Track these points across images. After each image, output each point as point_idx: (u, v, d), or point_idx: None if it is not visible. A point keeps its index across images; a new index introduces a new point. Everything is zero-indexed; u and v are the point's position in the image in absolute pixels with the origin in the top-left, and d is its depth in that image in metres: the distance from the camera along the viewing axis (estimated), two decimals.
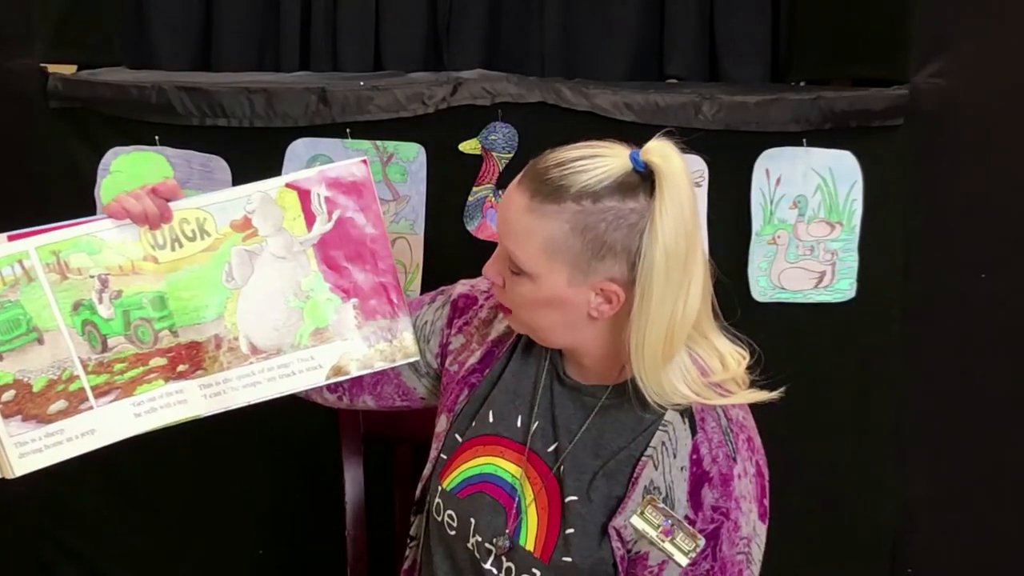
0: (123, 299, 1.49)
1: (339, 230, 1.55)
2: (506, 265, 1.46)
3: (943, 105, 2.26)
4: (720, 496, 1.45)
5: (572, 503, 1.49)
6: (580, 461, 1.50)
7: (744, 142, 2.23)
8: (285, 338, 1.54)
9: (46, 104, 2.16)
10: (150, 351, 1.50)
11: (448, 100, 2.17)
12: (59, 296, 1.46)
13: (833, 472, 2.34)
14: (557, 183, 1.40)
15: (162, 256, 1.50)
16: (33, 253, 1.46)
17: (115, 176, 2.17)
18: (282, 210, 1.53)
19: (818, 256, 2.28)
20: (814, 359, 2.30)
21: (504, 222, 1.45)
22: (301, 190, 1.53)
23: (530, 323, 1.50)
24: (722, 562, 1.45)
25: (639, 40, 2.86)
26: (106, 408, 1.49)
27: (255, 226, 1.53)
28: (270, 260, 1.53)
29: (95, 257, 1.48)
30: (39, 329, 1.45)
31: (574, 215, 1.39)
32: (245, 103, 2.15)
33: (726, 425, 1.47)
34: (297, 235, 1.53)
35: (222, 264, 1.52)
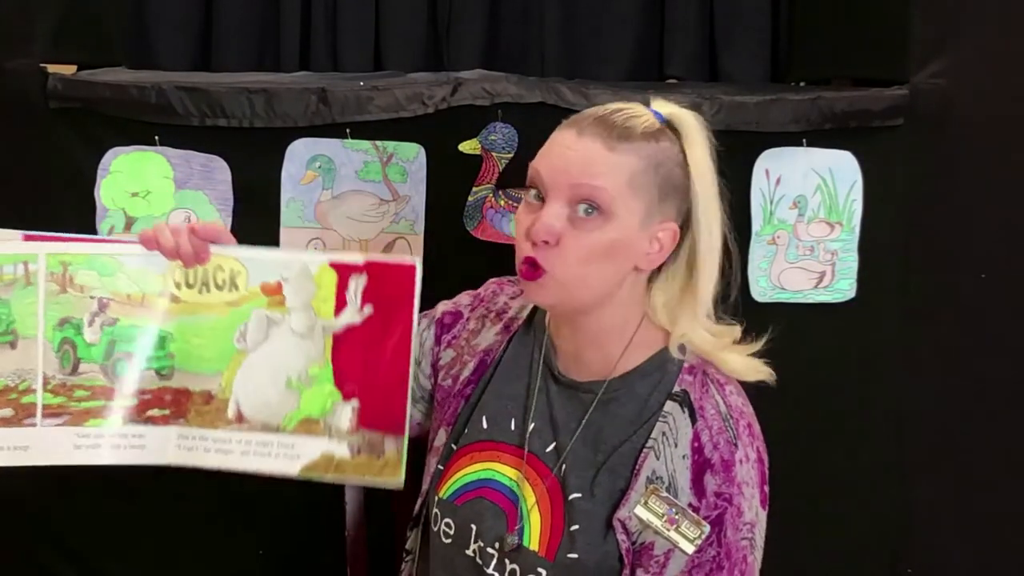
0: (115, 328, 1.45)
1: (365, 327, 1.45)
2: (563, 219, 1.42)
3: (943, 105, 2.25)
4: (723, 482, 1.45)
5: (576, 500, 1.49)
6: (581, 458, 1.50)
7: (744, 142, 2.23)
8: (274, 417, 1.46)
9: (46, 104, 2.16)
10: (119, 388, 1.44)
11: (448, 100, 2.17)
12: (50, 308, 1.43)
13: (833, 472, 2.34)
14: (624, 124, 1.44)
15: (185, 295, 1.46)
16: (42, 259, 1.43)
17: (115, 176, 2.18)
18: (316, 287, 1.45)
19: (818, 256, 2.28)
20: (814, 359, 2.30)
21: (575, 162, 1.42)
22: (342, 273, 1.45)
23: (574, 282, 1.44)
24: (727, 547, 1.45)
25: (639, 40, 2.86)
26: (49, 430, 1.43)
27: (285, 295, 1.46)
28: (287, 334, 1.46)
29: (105, 279, 1.44)
30: (16, 333, 1.42)
31: (648, 152, 1.44)
32: (245, 103, 2.15)
33: (726, 412, 1.48)
34: (322, 317, 1.46)
35: (239, 322, 1.46)
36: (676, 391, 1.50)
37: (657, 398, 1.50)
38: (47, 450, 1.44)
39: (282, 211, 2.19)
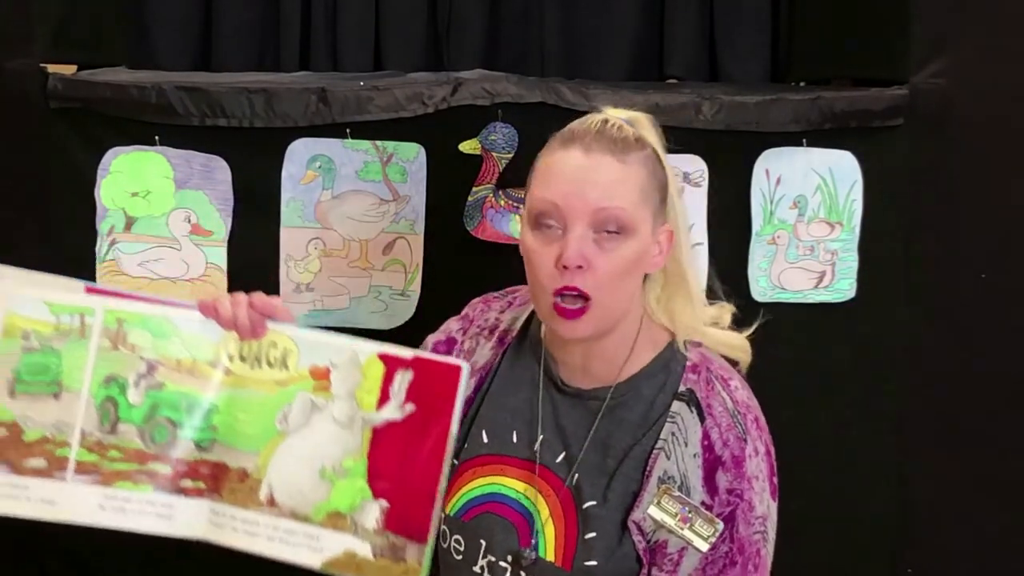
0: (160, 393, 1.41)
1: (405, 425, 1.40)
2: (588, 241, 1.43)
3: (943, 105, 2.25)
4: (734, 478, 1.46)
5: (590, 508, 1.49)
6: (593, 465, 1.50)
7: (744, 142, 2.23)
8: (303, 506, 1.42)
9: (46, 104, 2.16)
10: (155, 454, 1.42)
11: (448, 100, 2.17)
12: (99, 363, 1.41)
13: (833, 472, 2.34)
14: (622, 135, 1.47)
15: (237, 368, 1.42)
16: (100, 313, 1.41)
17: (115, 176, 2.18)
18: (363, 377, 1.41)
19: (818, 256, 2.28)
20: (814, 359, 2.30)
21: (592, 185, 1.43)
22: (390, 366, 1.41)
23: (613, 301, 1.46)
24: (739, 543, 1.46)
25: (639, 40, 2.87)
26: (77, 486, 1.41)
27: (331, 380, 1.42)
28: (328, 421, 1.42)
29: (158, 341, 1.42)
30: (62, 385, 1.40)
31: (645, 159, 1.47)
32: (245, 103, 2.15)
33: (733, 408, 1.49)
34: (364, 409, 1.41)
35: (283, 403, 1.42)
36: (682, 391, 1.50)
37: (663, 399, 1.50)
38: (73, 507, 1.41)
39: (282, 211, 2.19)
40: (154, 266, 2.20)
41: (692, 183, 2.23)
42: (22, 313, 1.40)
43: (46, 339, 1.40)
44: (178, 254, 2.20)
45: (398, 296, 2.24)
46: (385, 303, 2.24)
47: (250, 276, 2.21)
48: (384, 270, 2.23)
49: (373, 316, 2.24)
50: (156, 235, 2.19)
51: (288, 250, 2.21)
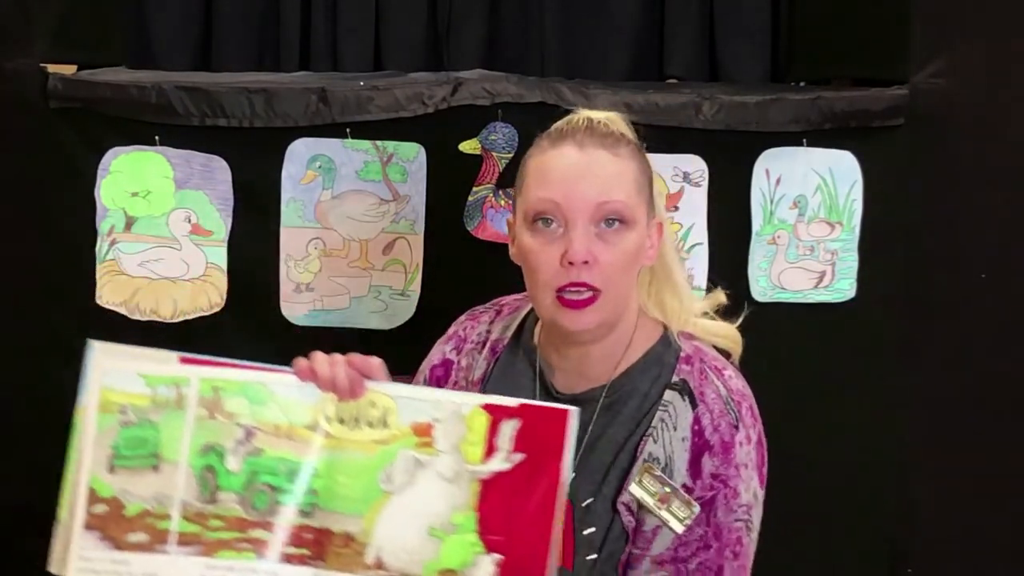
0: (259, 459, 1.39)
1: (514, 475, 1.36)
2: (591, 236, 1.44)
3: (943, 105, 2.25)
4: (721, 463, 1.46)
5: (588, 504, 1.50)
6: (589, 464, 1.50)
7: (744, 142, 2.23)
8: (413, 565, 1.37)
9: (46, 104, 2.16)
10: (256, 520, 1.38)
11: (448, 100, 2.17)
12: (196, 433, 1.39)
13: (833, 472, 2.34)
14: (611, 129, 1.50)
15: (336, 431, 1.39)
16: (195, 382, 1.39)
17: (115, 176, 2.18)
18: (467, 430, 1.38)
19: (818, 256, 2.28)
20: (814, 359, 2.30)
21: (590, 180, 1.44)
22: (495, 417, 1.37)
23: (619, 293, 1.47)
24: (716, 528, 1.46)
25: (639, 40, 2.87)
26: (179, 558, 1.38)
27: (434, 436, 1.38)
28: (433, 478, 1.38)
29: (254, 407, 1.40)
30: (160, 457, 1.38)
31: (635, 152, 1.51)
32: (245, 103, 2.15)
33: (726, 395, 1.49)
34: (470, 462, 1.37)
35: (386, 463, 1.38)
36: (675, 381, 1.51)
37: (656, 391, 1.51)
38: None
39: (282, 211, 2.19)
40: (154, 266, 2.20)
41: (692, 183, 2.23)
42: (118, 387, 1.39)
43: (143, 412, 1.39)
44: (178, 254, 2.20)
45: (398, 296, 2.24)
46: (385, 303, 2.24)
47: (250, 276, 2.22)
48: (384, 270, 2.23)
49: (373, 316, 2.24)
50: (156, 235, 2.19)
51: (288, 250, 2.21)
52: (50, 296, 2.21)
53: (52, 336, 2.22)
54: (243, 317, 2.22)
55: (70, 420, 2.24)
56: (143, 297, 2.20)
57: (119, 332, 2.21)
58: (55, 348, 2.23)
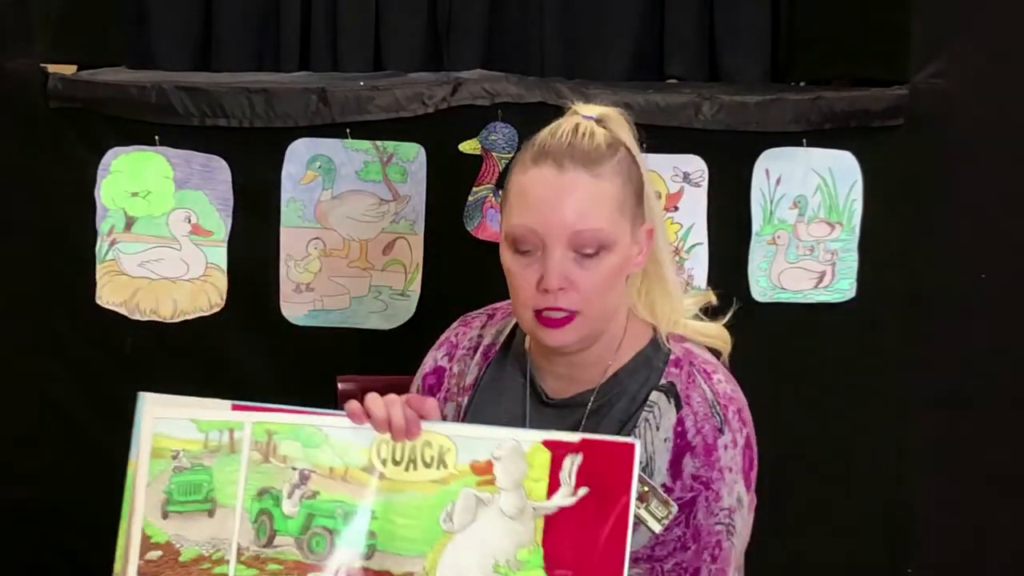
0: (315, 502, 1.37)
1: (578, 509, 1.34)
2: (570, 261, 1.43)
3: (943, 105, 2.25)
4: (702, 466, 1.45)
5: None
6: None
7: (744, 142, 2.24)
8: None
9: (46, 104, 2.16)
10: (314, 564, 1.37)
11: (448, 100, 2.17)
12: (251, 477, 1.37)
13: (833, 472, 2.34)
14: (592, 145, 1.45)
15: (391, 472, 1.37)
16: (248, 427, 1.38)
17: (115, 176, 2.18)
18: (528, 466, 1.36)
19: (818, 256, 2.28)
20: (814, 359, 2.30)
21: (567, 207, 1.42)
22: (556, 452, 1.35)
23: (599, 312, 1.46)
24: (695, 530, 1.45)
25: (639, 40, 2.87)
26: None
27: (495, 474, 1.36)
28: (496, 515, 1.36)
29: (308, 451, 1.38)
30: (215, 502, 1.37)
31: (619, 167, 1.46)
32: (245, 103, 2.15)
33: (712, 399, 1.48)
34: (533, 499, 1.35)
35: (446, 502, 1.36)
36: (663, 383, 1.50)
37: (644, 393, 1.50)
38: None
39: (282, 211, 2.20)
40: (154, 266, 2.20)
41: (692, 183, 2.23)
42: (170, 434, 1.38)
43: (196, 457, 1.37)
44: (178, 254, 2.20)
45: (398, 296, 2.24)
46: (385, 303, 2.24)
47: (250, 276, 2.22)
48: (384, 270, 2.23)
49: (373, 316, 2.24)
50: (156, 235, 2.19)
51: (288, 250, 2.21)
52: (50, 296, 2.21)
53: (52, 336, 2.22)
54: (243, 317, 2.22)
55: (70, 420, 2.26)
56: (143, 297, 2.20)
57: (119, 332, 2.21)
58: (55, 348, 2.23)
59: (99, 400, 2.24)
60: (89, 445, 2.25)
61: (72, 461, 2.26)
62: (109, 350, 2.22)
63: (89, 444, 2.25)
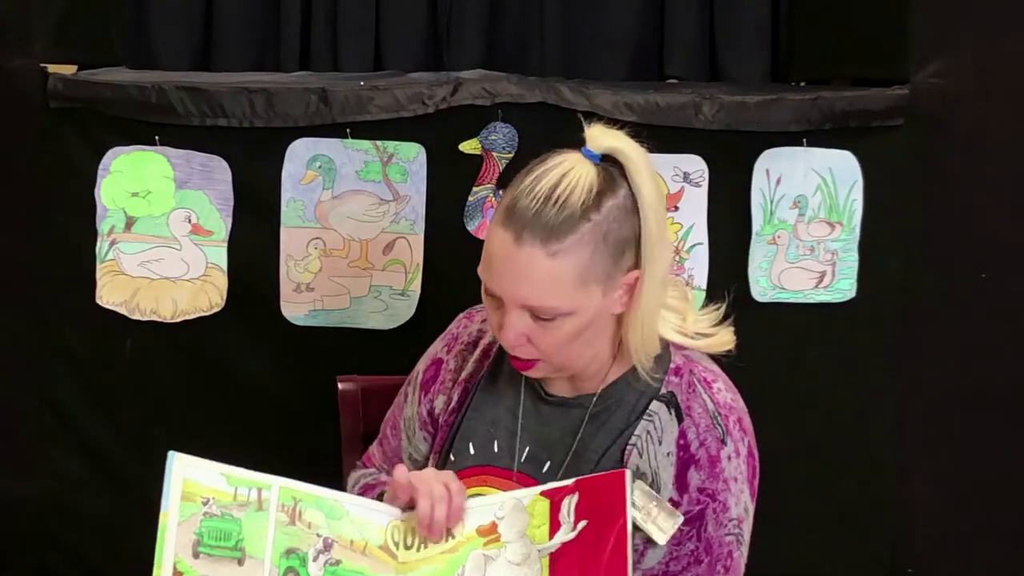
0: (338, 569, 1.41)
1: (579, 540, 1.39)
2: (526, 320, 1.42)
3: (943, 105, 2.25)
4: (707, 478, 1.45)
5: None
6: (575, 470, 1.50)
7: (744, 142, 2.23)
8: None
9: (46, 104, 2.16)
10: None
11: (448, 100, 2.17)
12: (279, 535, 1.40)
13: (832, 472, 2.34)
14: (561, 215, 1.38)
15: (402, 555, 1.43)
16: (275, 489, 1.41)
17: (115, 176, 2.18)
18: (529, 517, 1.42)
19: (818, 256, 2.28)
20: (814, 359, 2.30)
21: (521, 282, 1.39)
22: (554, 499, 1.42)
23: (564, 361, 1.47)
24: (707, 542, 1.45)
25: (639, 40, 2.87)
26: None
27: (499, 532, 1.43)
28: (504, 566, 1.42)
29: (331, 522, 1.42)
30: (244, 552, 1.38)
31: (592, 232, 1.39)
32: (245, 103, 2.15)
33: (713, 410, 1.48)
34: (537, 543, 1.41)
35: (457, 567, 1.42)
36: (663, 393, 1.50)
37: (644, 401, 1.50)
38: None
39: (282, 211, 2.20)
40: (154, 266, 2.20)
41: (692, 183, 2.23)
42: (200, 482, 1.39)
43: (225, 507, 1.39)
44: (178, 254, 2.20)
45: (398, 296, 2.24)
46: (385, 303, 2.24)
47: (250, 276, 2.22)
48: (384, 270, 2.23)
49: (373, 316, 2.24)
50: (156, 235, 2.19)
51: (288, 250, 2.21)
52: (50, 296, 2.21)
53: (52, 336, 2.22)
54: (243, 317, 2.22)
55: (70, 420, 2.26)
56: (143, 297, 2.20)
57: (119, 332, 2.21)
58: (55, 348, 2.23)
59: (99, 400, 2.25)
60: (89, 445, 2.26)
61: (72, 461, 2.26)
62: (109, 350, 2.22)
63: (89, 444, 2.26)
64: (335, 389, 1.94)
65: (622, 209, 1.41)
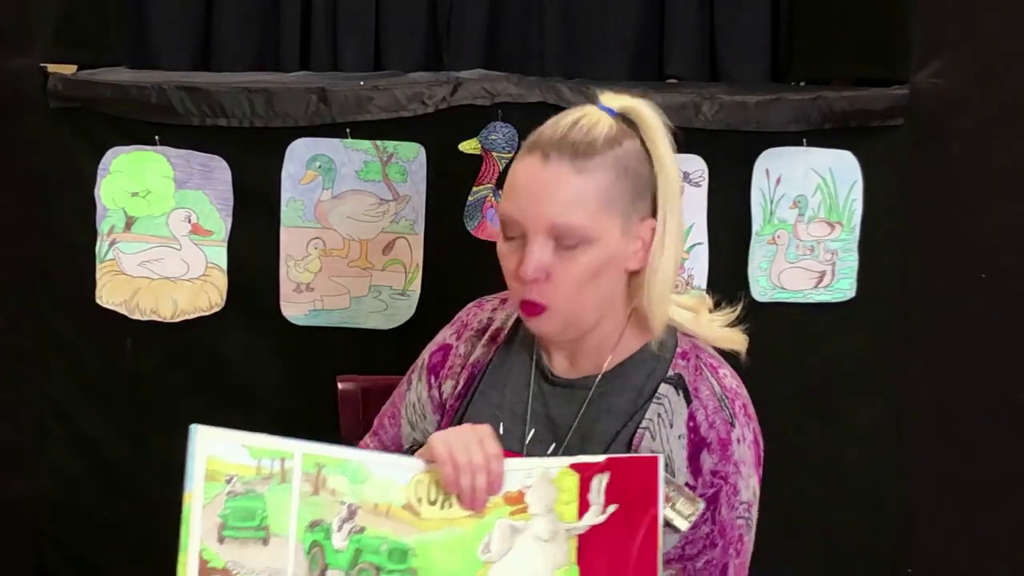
0: (362, 537, 1.40)
1: (610, 526, 1.39)
2: (549, 251, 1.43)
3: (943, 105, 2.26)
4: (719, 460, 1.46)
5: None
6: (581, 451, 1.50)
7: (744, 142, 2.24)
8: None
9: (46, 104, 2.16)
10: None
11: (448, 100, 2.17)
12: (303, 508, 1.39)
13: (833, 472, 2.34)
14: (586, 140, 1.43)
15: (426, 512, 1.42)
16: (298, 456, 1.40)
17: (115, 176, 2.18)
18: (558, 491, 1.41)
19: (818, 256, 2.28)
20: (814, 359, 2.30)
21: (547, 200, 1.42)
22: (584, 474, 1.41)
23: (576, 310, 1.46)
24: (721, 526, 1.46)
25: (639, 40, 2.87)
26: None
27: (527, 502, 1.42)
28: (531, 540, 1.40)
29: (355, 486, 1.41)
30: (268, 530, 1.38)
31: (615, 161, 1.44)
32: (245, 103, 2.15)
33: (720, 392, 1.49)
34: (565, 521, 1.40)
35: (483, 534, 1.40)
36: (670, 375, 1.51)
37: (651, 385, 1.50)
38: None
39: (282, 211, 2.20)
40: (154, 266, 2.20)
41: (692, 183, 2.23)
42: (223, 458, 1.38)
43: (249, 483, 1.38)
44: (178, 254, 2.20)
45: (398, 296, 2.24)
46: (385, 303, 2.24)
47: (250, 276, 2.22)
48: (384, 270, 2.23)
49: (373, 316, 2.24)
50: (156, 235, 2.19)
51: (288, 250, 2.21)
52: (50, 296, 2.21)
53: (52, 336, 2.22)
54: (243, 317, 2.22)
55: (70, 420, 2.26)
56: (143, 297, 2.20)
57: (119, 332, 2.21)
58: (55, 348, 2.23)
59: (99, 400, 2.25)
60: (89, 445, 2.26)
61: (72, 461, 2.26)
62: (109, 350, 2.23)
63: (89, 444, 2.26)
64: (335, 389, 1.94)
65: (640, 153, 1.46)
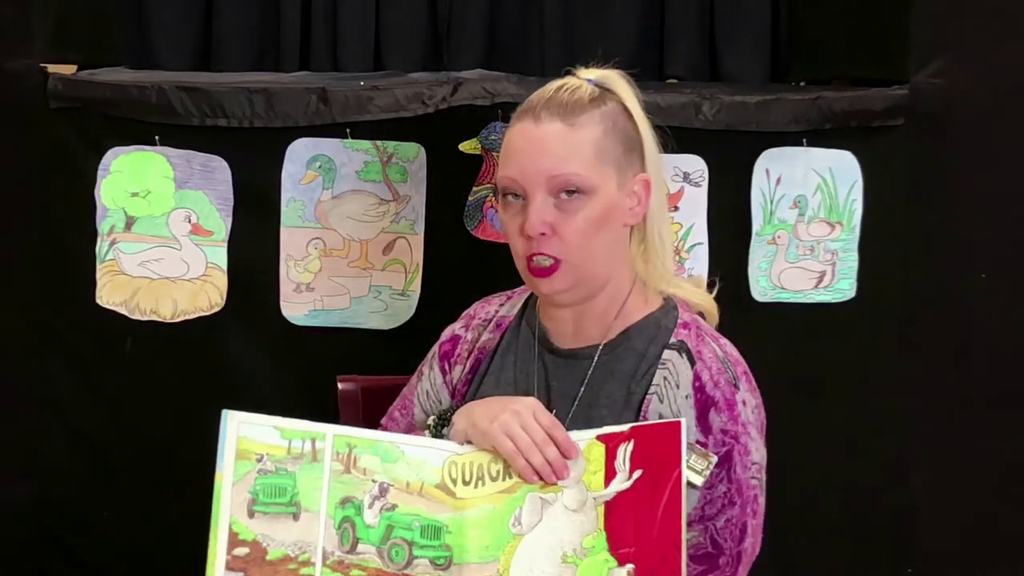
0: (394, 514, 1.43)
1: (635, 490, 1.42)
2: (550, 207, 1.47)
3: (943, 105, 2.26)
4: (728, 420, 1.48)
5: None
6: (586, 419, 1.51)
7: (744, 142, 2.24)
8: None
9: (46, 104, 2.16)
10: (395, 573, 1.42)
11: (448, 100, 2.17)
12: (333, 486, 1.42)
13: (833, 472, 2.34)
14: (574, 99, 1.51)
15: (460, 491, 1.44)
16: (329, 438, 1.43)
17: (115, 176, 2.18)
18: (586, 462, 1.44)
19: (818, 256, 2.28)
20: (814, 359, 2.30)
21: (543, 155, 1.47)
22: (610, 444, 1.43)
23: (586, 260, 1.49)
24: (738, 484, 1.48)
25: (639, 40, 2.87)
26: None
27: None
28: (560, 511, 1.43)
29: (386, 466, 1.44)
30: (299, 506, 1.41)
31: (603, 117, 1.51)
32: (245, 103, 2.15)
33: (723, 356, 1.52)
34: (593, 490, 1.43)
35: (514, 508, 1.43)
36: (673, 341, 1.53)
37: (654, 351, 1.53)
38: None
39: (282, 211, 2.20)
40: (154, 266, 2.20)
41: (692, 183, 2.23)
42: (254, 438, 1.41)
43: (279, 462, 1.41)
44: (178, 254, 2.20)
45: (398, 296, 2.24)
46: (385, 303, 2.24)
47: (250, 276, 2.22)
48: (384, 270, 2.23)
49: (373, 316, 2.24)
50: (156, 235, 2.19)
51: (288, 250, 2.21)
52: (50, 296, 2.21)
53: (52, 336, 2.22)
54: (243, 317, 2.22)
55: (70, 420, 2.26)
56: (143, 297, 2.20)
57: (119, 332, 2.21)
58: (55, 348, 2.23)
59: (99, 400, 2.25)
60: (89, 445, 2.26)
61: (72, 461, 2.26)
62: (109, 350, 2.22)
63: (89, 444, 2.26)
64: (335, 389, 1.94)
65: (623, 112, 1.54)
